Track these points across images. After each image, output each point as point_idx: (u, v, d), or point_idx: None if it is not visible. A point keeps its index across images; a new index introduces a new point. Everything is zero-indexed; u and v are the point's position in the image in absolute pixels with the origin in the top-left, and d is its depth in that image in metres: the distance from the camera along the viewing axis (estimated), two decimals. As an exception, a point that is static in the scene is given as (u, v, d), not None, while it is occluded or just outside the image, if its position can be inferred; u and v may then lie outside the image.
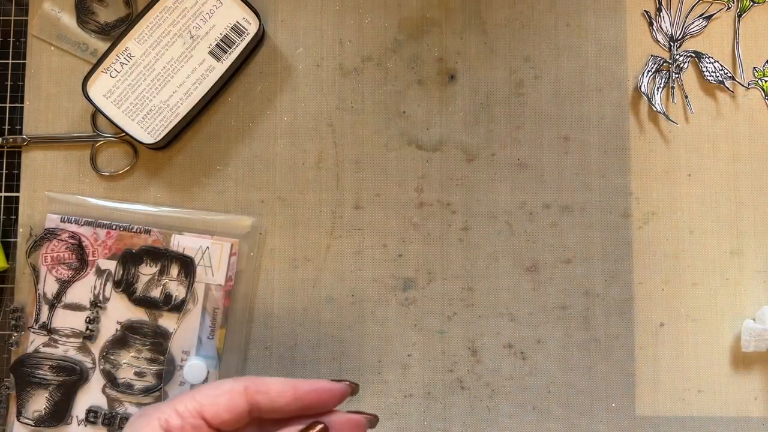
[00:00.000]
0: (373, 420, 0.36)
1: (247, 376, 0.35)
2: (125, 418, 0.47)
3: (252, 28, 0.47)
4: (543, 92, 0.49)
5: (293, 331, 0.48)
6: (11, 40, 0.50)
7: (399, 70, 0.49)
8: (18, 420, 0.46)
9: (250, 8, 0.47)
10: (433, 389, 0.48)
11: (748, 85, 0.49)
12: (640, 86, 0.49)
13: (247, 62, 0.49)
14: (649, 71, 0.49)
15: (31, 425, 0.47)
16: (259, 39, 0.48)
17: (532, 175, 0.49)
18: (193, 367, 0.47)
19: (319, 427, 0.34)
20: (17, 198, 0.49)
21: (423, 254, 0.49)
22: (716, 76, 0.49)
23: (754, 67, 0.50)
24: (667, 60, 0.49)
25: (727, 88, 0.49)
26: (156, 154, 0.49)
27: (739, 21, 0.50)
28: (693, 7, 0.50)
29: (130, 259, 0.47)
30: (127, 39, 0.46)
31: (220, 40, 0.47)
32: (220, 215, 0.48)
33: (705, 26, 0.50)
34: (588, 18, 0.50)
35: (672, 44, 0.50)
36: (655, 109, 0.49)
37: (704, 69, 0.49)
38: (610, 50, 0.50)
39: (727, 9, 0.50)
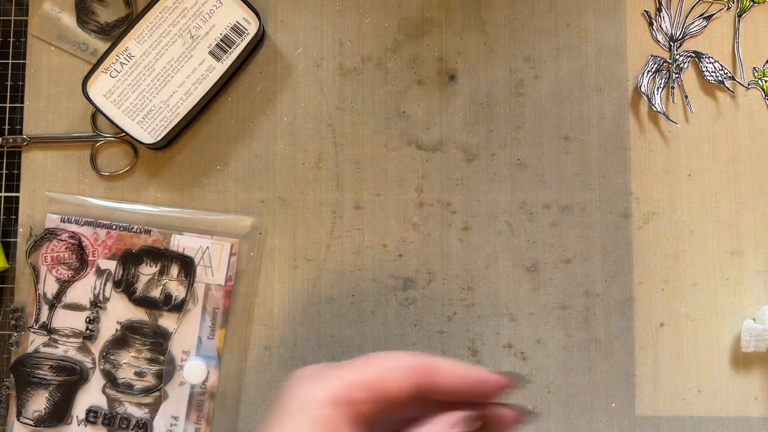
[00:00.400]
0: (527, 414, 0.35)
1: (417, 353, 0.33)
2: (125, 418, 0.47)
3: (252, 28, 0.47)
4: (543, 92, 0.49)
5: (293, 331, 0.48)
6: (11, 40, 0.50)
7: (399, 70, 0.49)
8: (18, 420, 0.46)
9: (250, 8, 0.47)
10: (433, 389, 0.48)
11: (748, 85, 0.49)
12: (640, 86, 0.49)
13: (247, 62, 0.49)
14: (649, 71, 0.49)
15: (31, 425, 0.47)
16: (259, 39, 0.48)
17: (532, 175, 0.49)
18: (193, 367, 0.47)
19: (490, 414, 0.33)
20: (17, 198, 0.49)
21: (423, 254, 0.49)
22: (716, 76, 0.49)
23: (754, 67, 0.50)
24: (667, 60, 0.49)
25: (727, 88, 0.49)
26: (156, 154, 0.49)
27: (739, 21, 0.50)
28: (693, 7, 0.50)
29: (130, 259, 0.47)
30: (127, 39, 0.46)
31: (220, 40, 0.47)
32: (220, 215, 0.48)
33: (705, 26, 0.50)
34: (588, 18, 0.50)
35: (672, 44, 0.50)
36: (655, 109, 0.49)
37: (704, 69, 0.49)
38: (610, 50, 0.50)
39: (727, 9, 0.50)
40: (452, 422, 0.32)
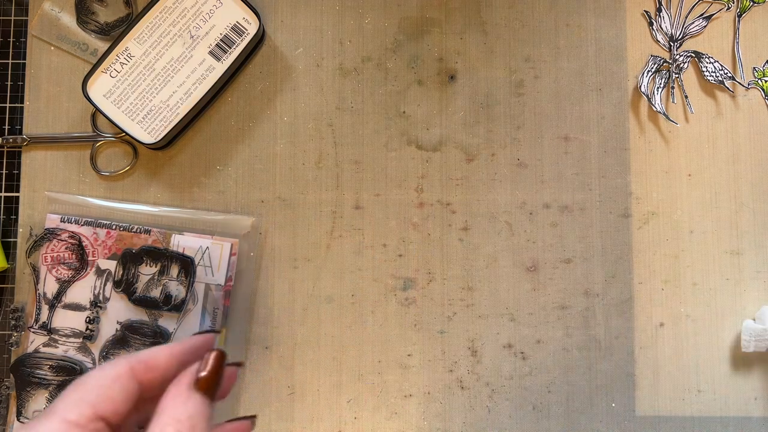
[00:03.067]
0: (254, 419, 0.36)
1: (126, 356, 0.32)
2: (125, 418, 0.47)
3: (252, 28, 0.47)
4: (543, 92, 0.49)
5: (293, 331, 0.48)
6: (11, 40, 0.50)
7: (399, 70, 0.49)
8: (18, 420, 0.46)
9: (250, 8, 0.47)
10: (433, 389, 0.48)
11: (748, 85, 0.49)
12: (640, 86, 0.49)
13: (247, 62, 0.49)
14: (649, 71, 0.49)
15: (31, 425, 0.47)
16: (259, 39, 0.48)
17: (532, 175, 0.49)
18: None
19: (209, 357, 0.32)
20: (17, 198, 0.49)
21: (423, 254, 0.49)
22: (716, 76, 0.49)
23: (754, 67, 0.50)
24: (667, 60, 0.49)
25: (727, 88, 0.49)
26: (156, 154, 0.49)
27: (739, 21, 0.50)
28: (693, 7, 0.50)
29: (130, 259, 0.47)
30: (127, 39, 0.46)
31: (220, 40, 0.47)
32: (220, 215, 0.48)
33: (705, 26, 0.50)
34: (588, 18, 0.50)
35: (672, 44, 0.50)
36: (655, 109, 0.49)
37: (704, 69, 0.49)
38: (610, 50, 0.50)
39: (727, 9, 0.50)
40: (187, 382, 0.31)
